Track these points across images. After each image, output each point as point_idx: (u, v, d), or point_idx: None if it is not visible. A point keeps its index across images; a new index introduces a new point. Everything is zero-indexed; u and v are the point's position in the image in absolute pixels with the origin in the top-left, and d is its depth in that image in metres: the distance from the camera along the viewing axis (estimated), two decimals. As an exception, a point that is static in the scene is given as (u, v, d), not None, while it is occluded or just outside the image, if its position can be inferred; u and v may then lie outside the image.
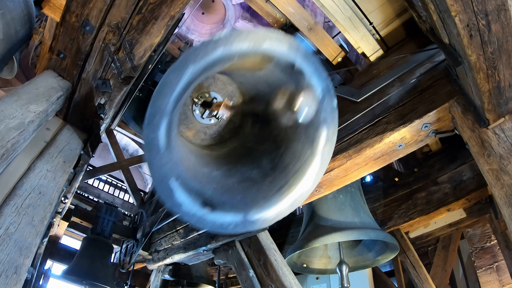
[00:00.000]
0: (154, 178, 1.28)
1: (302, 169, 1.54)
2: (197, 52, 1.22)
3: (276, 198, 1.52)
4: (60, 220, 3.39)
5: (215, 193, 1.49)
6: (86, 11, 1.63)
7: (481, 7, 1.18)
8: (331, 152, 1.55)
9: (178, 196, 1.32)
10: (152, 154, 1.23)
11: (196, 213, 1.36)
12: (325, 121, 1.49)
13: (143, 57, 1.82)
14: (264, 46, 1.31)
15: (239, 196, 1.54)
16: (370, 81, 2.33)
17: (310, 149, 1.53)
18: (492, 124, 1.57)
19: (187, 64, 1.21)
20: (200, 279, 4.15)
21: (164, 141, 1.25)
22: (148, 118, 1.20)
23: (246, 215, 1.46)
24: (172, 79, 1.22)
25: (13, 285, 1.27)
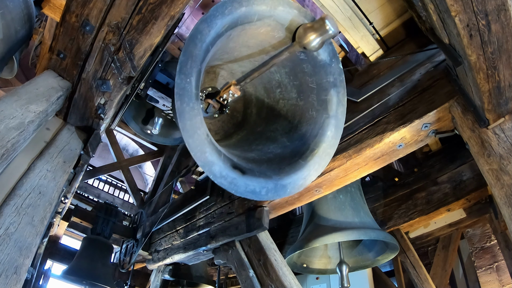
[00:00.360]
0: (186, 130, 1.20)
1: (321, 133, 1.61)
2: (224, 7, 1.31)
3: (301, 163, 1.56)
4: (60, 220, 3.39)
5: (240, 162, 1.48)
6: (86, 11, 1.63)
7: (481, 7, 1.18)
8: (344, 114, 1.62)
9: (210, 154, 1.27)
10: (184, 102, 1.19)
11: (228, 175, 1.33)
12: (334, 84, 1.57)
13: (143, 57, 1.82)
14: (279, 9, 1.43)
15: (264, 165, 1.56)
16: (370, 81, 2.33)
17: (325, 113, 1.60)
18: (492, 124, 1.57)
19: (216, 15, 1.29)
20: (200, 279, 4.15)
21: (195, 90, 1.24)
22: (180, 65, 1.20)
23: (277, 180, 1.46)
24: (203, 28, 1.27)
25: (13, 285, 1.27)
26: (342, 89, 1.64)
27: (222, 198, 3.10)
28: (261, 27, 1.50)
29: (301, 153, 1.61)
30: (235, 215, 2.84)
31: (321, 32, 1.34)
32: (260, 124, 1.90)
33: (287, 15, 1.47)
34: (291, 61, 1.66)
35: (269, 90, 1.85)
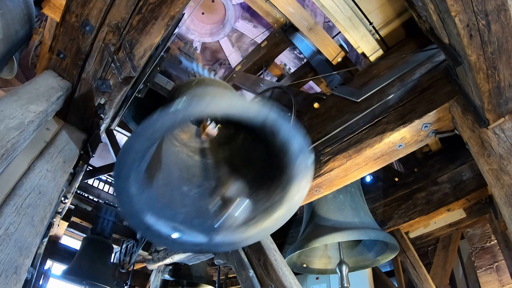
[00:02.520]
0: (125, 216, 1.51)
1: (270, 210, 1.58)
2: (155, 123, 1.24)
3: (243, 228, 1.58)
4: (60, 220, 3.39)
5: (187, 216, 1.59)
6: (86, 11, 1.63)
7: (481, 7, 1.18)
8: (300, 201, 1.57)
9: (150, 226, 1.46)
10: (121, 202, 1.38)
11: (167, 238, 1.51)
12: (297, 175, 1.49)
13: (143, 57, 1.82)
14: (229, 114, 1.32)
15: (209, 220, 1.61)
16: (370, 81, 2.33)
17: (280, 194, 1.55)
18: (492, 124, 1.57)
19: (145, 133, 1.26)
20: (200, 279, 4.15)
21: (134, 189, 1.37)
22: (116, 171, 1.30)
23: (211, 239, 1.56)
24: (135, 144, 1.27)
25: (13, 285, 1.27)
26: (306, 181, 1.52)
27: (222, 198, 3.10)
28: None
29: (248, 219, 1.61)
30: (235, 215, 2.84)
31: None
32: (241, 155, 1.88)
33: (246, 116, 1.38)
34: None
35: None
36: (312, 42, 3.18)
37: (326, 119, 2.43)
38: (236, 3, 8.14)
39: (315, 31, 3.15)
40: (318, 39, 3.13)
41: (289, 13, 3.14)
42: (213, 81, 2.05)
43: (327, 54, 3.10)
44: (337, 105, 2.42)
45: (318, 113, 2.55)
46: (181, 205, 1.62)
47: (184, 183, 1.75)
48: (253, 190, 1.69)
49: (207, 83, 1.98)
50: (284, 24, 3.44)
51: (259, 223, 1.58)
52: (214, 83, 2.02)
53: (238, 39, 8.94)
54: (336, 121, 2.32)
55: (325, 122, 2.41)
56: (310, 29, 3.16)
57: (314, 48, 3.20)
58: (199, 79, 2.04)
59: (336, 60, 3.08)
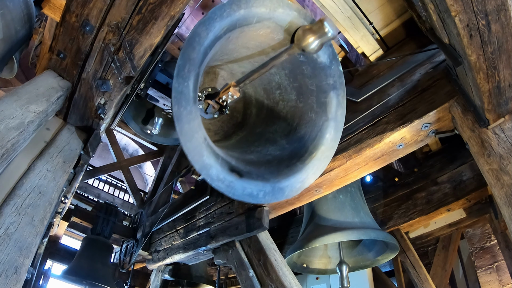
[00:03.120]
0: (182, 134, 1.20)
1: (320, 135, 1.60)
2: (223, 9, 1.29)
3: (299, 166, 1.55)
4: (60, 220, 3.39)
5: (238, 164, 1.47)
6: (86, 11, 1.63)
7: (481, 7, 1.18)
8: (343, 117, 1.61)
9: (207, 158, 1.27)
10: (181, 106, 1.18)
11: (225, 178, 1.32)
12: (334, 86, 1.56)
13: (143, 57, 1.82)
14: (278, 11, 1.42)
15: (262, 167, 1.56)
16: (370, 81, 2.33)
17: (324, 116, 1.59)
18: (492, 124, 1.57)
19: (215, 18, 1.27)
20: (200, 279, 4.15)
21: (192, 95, 1.23)
22: (178, 68, 1.19)
23: (274, 183, 1.45)
24: (201, 31, 1.25)
25: (13, 285, 1.27)
26: (342, 91, 1.63)
27: (222, 198, 3.10)
28: (261, 29, 1.49)
29: (300, 156, 1.60)
30: (235, 215, 2.84)
31: (320, 34, 1.34)
32: (259, 125, 1.90)
33: (287, 17, 1.46)
34: (291, 63, 1.66)
35: (268, 91, 1.85)
36: (312, 42, 3.18)
37: (326, 119, 2.43)
38: (236, 3, 8.13)
39: (315, 31, 3.15)
40: (318, 39, 3.12)
41: (289, 13, 3.13)
42: None
43: (327, 54, 3.10)
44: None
45: (318, 113, 2.55)
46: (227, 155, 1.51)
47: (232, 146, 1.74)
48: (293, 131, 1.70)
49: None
50: (284, 24, 3.43)
51: (313, 153, 1.57)
52: None
53: (238, 39, 8.93)
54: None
55: (325, 122, 2.41)
56: (310, 29, 3.15)
57: (314, 48, 3.19)
58: None
59: (336, 60, 3.07)
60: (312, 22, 1.45)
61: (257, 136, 1.85)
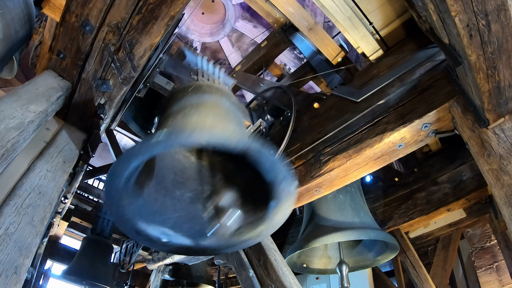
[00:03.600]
0: (117, 224, 1.58)
1: (254, 224, 1.63)
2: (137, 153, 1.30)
3: (228, 237, 1.65)
4: (60, 220, 3.39)
5: (177, 222, 1.63)
6: (86, 11, 1.63)
7: (481, 7, 1.18)
8: (283, 220, 1.61)
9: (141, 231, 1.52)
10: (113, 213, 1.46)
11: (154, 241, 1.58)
12: (280, 200, 1.52)
13: (143, 57, 1.82)
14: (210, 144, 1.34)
15: (198, 226, 1.66)
16: (370, 81, 2.33)
17: (263, 212, 1.59)
18: (492, 124, 1.57)
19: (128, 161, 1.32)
20: (200, 279, 4.15)
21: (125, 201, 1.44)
22: (106, 195, 1.39)
23: (199, 244, 1.62)
24: (119, 170, 1.34)
25: (13, 285, 1.27)
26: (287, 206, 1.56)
27: (222, 198, 3.09)
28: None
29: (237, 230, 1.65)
30: (235, 215, 2.84)
31: None
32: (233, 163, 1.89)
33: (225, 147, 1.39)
34: None
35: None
36: (312, 42, 3.18)
37: (326, 119, 2.43)
38: (236, 3, 8.14)
39: (315, 31, 3.16)
40: (318, 39, 3.13)
41: (289, 13, 3.14)
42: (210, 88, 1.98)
43: (327, 54, 3.10)
44: (337, 105, 2.42)
45: (318, 113, 2.55)
46: (172, 210, 1.67)
47: (177, 187, 1.78)
48: (242, 201, 1.72)
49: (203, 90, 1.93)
50: (284, 24, 3.44)
51: (244, 234, 1.64)
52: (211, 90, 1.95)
53: (238, 39, 8.94)
54: (336, 121, 2.32)
55: (325, 122, 2.41)
56: (310, 29, 3.16)
57: (314, 48, 3.20)
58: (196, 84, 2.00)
59: (336, 60, 3.08)
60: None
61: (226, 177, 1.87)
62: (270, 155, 1.37)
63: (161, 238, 1.58)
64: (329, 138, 2.29)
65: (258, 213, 1.60)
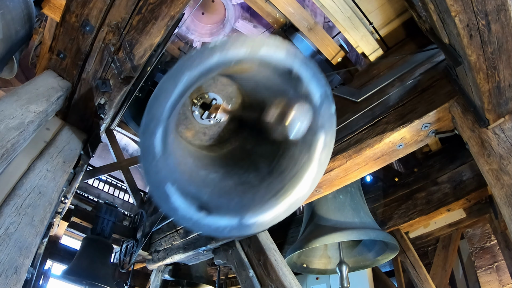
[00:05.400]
0: (150, 184, 1.30)
1: (299, 174, 1.53)
2: (192, 59, 1.22)
3: (272, 202, 1.52)
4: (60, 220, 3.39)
5: (211, 196, 1.50)
6: (86, 11, 1.63)
7: (481, 7, 1.18)
8: (328, 158, 1.54)
9: (174, 200, 1.33)
10: (147, 161, 1.25)
11: (192, 217, 1.38)
12: (322, 127, 1.48)
13: (143, 57, 1.82)
14: (261, 52, 1.30)
15: (235, 199, 1.54)
16: (370, 81, 2.33)
17: (307, 155, 1.52)
18: (492, 124, 1.57)
19: (183, 71, 1.21)
20: (200, 279, 4.15)
21: (160, 148, 1.26)
22: (144, 125, 1.22)
23: (242, 219, 1.46)
24: (168, 87, 1.22)
25: (13, 285, 1.27)
26: (331, 133, 1.53)
27: (222, 198, 3.10)
28: (244, 65, 1.41)
29: (275, 192, 1.55)
30: (235, 215, 2.83)
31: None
32: (250, 141, 1.86)
33: (273, 57, 1.34)
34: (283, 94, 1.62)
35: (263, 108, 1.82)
36: (312, 42, 3.18)
37: (326, 119, 2.42)
38: (236, 3, 8.14)
39: (315, 31, 3.15)
40: (318, 39, 3.13)
41: (289, 13, 3.14)
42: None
43: (327, 54, 3.10)
44: (337, 105, 2.38)
45: (318, 113, 2.55)
46: (203, 185, 1.54)
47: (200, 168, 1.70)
48: (276, 161, 1.63)
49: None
50: (284, 24, 3.44)
51: (289, 192, 1.52)
52: None
53: (238, 39, 8.93)
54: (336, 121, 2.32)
55: (325, 122, 2.41)
56: (310, 29, 3.16)
57: (314, 48, 3.20)
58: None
59: (336, 60, 3.08)
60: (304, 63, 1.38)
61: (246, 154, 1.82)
62: (313, 64, 1.33)
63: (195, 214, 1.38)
64: (329, 138, 2.29)
65: (300, 160, 1.52)
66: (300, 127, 1.34)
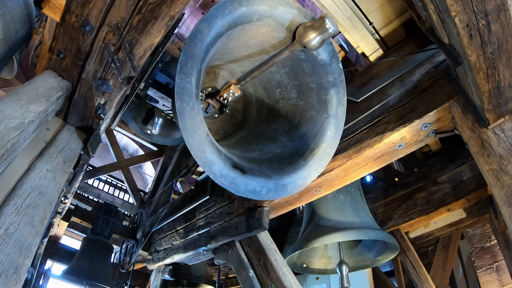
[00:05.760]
0: (186, 129, 1.21)
1: (321, 132, 1.62)
2: (224, 7, 1.33)
3: (301, 163, 1.57)
4: (60, 220, 3.39)
5: (240, 161, 1.49)
6: (86, 11, 1.63)
7: (481, 7, 1.18)
8: (344, 114, 1.63)
9: (210, 154, 1.28)
10: (184, 102, 1.20)
11: (228, 175, 1.34)
12: (334, 84, 1.58)
13: (143, 57, 1.82)
14: (279, 9, 1.44)
15: (264, 165, 1.57)
16: (370, 81, 2.33)
17: (325, 113, 1.61)
18: (492, 124, 1.57)
19: (216, 15, 1.31)
20: (200, 279, 4.15)
21: (195, 90, 1.25)
22: (181, 64, 1.22)
23: (277, 180, 1.47)
24: (203, 28, 1.29)
25: (13, 285, 1.27)
26: (342, 88, 1.65)
27: (222, 198, 3.10)
28: (261, 27, 1.50)
29: (301, 153, 1.61)
30: (235, 215, 2.84)
31: (321, 30, 1.35)
32: (260, 124, 1.90)
33: (287, 14, 1.47)
34: (291, 61, 1.67)
35: (269, 90, 1.86)
36: (312, 42, 3.18)
37: (326, 119, 2.43)
38: (236, 3, 8.13)
39: (315, 31, 3.15)
40: (318, 39, 3.12)
41: (289, 13, 3.13)
42: None
43: (327, 54, 3.10)
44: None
45: (318, 113, 2.55)
46: (229, 153, 1.52)
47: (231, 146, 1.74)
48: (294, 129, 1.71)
49: None
50: (284, 24, 3.43)
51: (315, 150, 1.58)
52: None
53: (238, 39, 8.93)
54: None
55: (325, 122, 2.41)
56: (310, 29, 3.15)
57: (314, 48, 3.19)
58: None
59: (336, 60, 3.08)
60: (313, 20, 1.46)
61: (258, 135, 1.85)
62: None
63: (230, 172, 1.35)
64: (329, 138, 2.29)
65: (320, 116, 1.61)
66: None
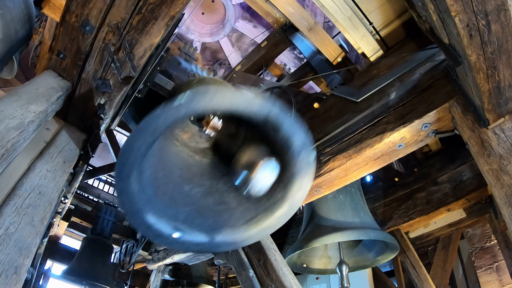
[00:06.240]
0: (127, 215, 1.50)
1: (271, 209, 1.57)
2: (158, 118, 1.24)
3: (244, 228, 1.59)
4: (60, 220, 3.39)
5: (188, 216, 1.58)
6: (86, 11, 1.63)
7: (481, 7, 1.18)
8: (302, 198, 1.57)
9: (151, 225, 1.45)
10: (123, 202, 1.40)
11: (168, 238, 1.51)
12: (299, 172, 1.49)
13: (143, 57, 1.82)
14: (232, 108, 1.33)
15: (210, 219, 1.61)
16: (370, 81, 2.33)
17: (281, 193, 1.54)
18: (492, 124, 1.57)
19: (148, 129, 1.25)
20: (200, 279, 4.15)
21: (135, 186, 1.37)
22: (117, 170, 1.30)
23: (213, 239, 1.56)
24: (137, 141, 1.27)
25: (13, 285, 1.27)
26: (307, 178, 1.53)
27: (222, 198, 3.10)
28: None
29: (248, 219, 1.59)
30: (235, 215, 2.84)
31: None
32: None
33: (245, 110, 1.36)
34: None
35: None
36: (312, 42, 3.18)
37: (326, 119, 2.43)
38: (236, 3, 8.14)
39: (315, 31, 3.16)
40: (318, 39, 3.13)
41: (289, 13, 3.14)
42: (214, 80, 2.05)
43: (327, 54, 3.10)
44: (337, 105, 2.42)
45: (318, 113, 2.55)
46: (183, 204, 1.61)
47: (185, 182, 1.74)
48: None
49: (207, 82, 1.98)
50: (284, 24, 3.44)
51: (261, 222, 1.58)
52: (214, 82, 2.02)
53: (238, 39, 8.94)
54: (336, 121, 2.32)
55: (325, 122, 2.41)
56: (310, 29, 3.16)
57: (314, 48, 3.20)
58: (199, 78, 2.04)
59: (336, 60, 3.08)
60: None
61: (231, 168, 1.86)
62: (290, 118, 1.35)
63: (172, 233, 1.49)
64: (329, 138, 2.29)
65: (275, 196, 1.55)
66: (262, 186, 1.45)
